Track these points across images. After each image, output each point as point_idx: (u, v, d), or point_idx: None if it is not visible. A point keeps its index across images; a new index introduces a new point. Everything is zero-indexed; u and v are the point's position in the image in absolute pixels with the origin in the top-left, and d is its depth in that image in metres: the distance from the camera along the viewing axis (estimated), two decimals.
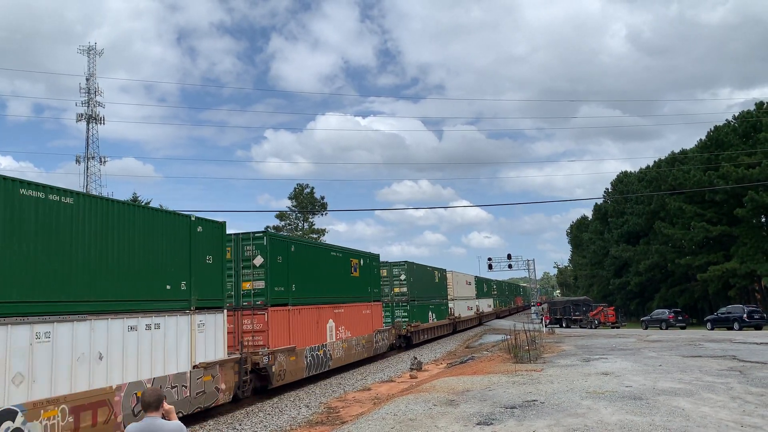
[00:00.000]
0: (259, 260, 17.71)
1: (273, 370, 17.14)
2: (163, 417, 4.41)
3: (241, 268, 17.81)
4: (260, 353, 16.54)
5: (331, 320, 22.08)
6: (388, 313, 32.61)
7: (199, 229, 14.30)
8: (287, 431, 13.22)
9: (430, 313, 37.92)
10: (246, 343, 16.72)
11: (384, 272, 32.77)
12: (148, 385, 11.51)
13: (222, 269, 15.06)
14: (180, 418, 4.53)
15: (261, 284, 17.59)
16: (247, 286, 17.68)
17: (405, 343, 33.59)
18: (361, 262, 26.18)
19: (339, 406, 15.84)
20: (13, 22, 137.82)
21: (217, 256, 14.88)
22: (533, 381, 15.21)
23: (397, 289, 33.53)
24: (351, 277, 24.83)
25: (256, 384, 16.97)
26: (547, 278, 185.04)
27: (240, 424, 14.04)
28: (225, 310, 15.14)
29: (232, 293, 17.35)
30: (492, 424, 10.25)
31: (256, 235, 18.03)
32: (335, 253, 23.73)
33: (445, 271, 44.39)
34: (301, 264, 19.86)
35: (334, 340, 22.16)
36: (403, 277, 33.84)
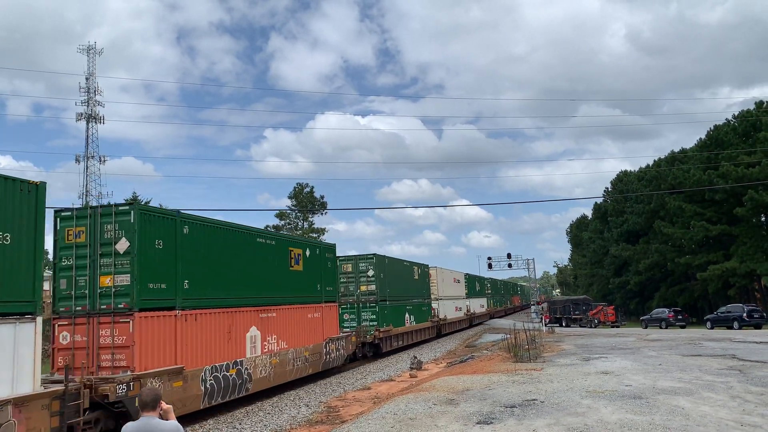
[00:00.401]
0: (123, 245, 12.68)
1: (137, 404, 11.08)
2: (161, 416, 4.39)
3: (98, 256, 12.76)
4: (116, 380, 11.48)
5: (254, 328, 16.93)
6: (353, 316, 28.38)
7: None
8: (287, 430, 13.21)
9: (407, 315, 33.47)
10: (99, 365, 12.17)
11: (348, 267, 28.68)
12: None
13: (31, 252, 10.03)
14: None
15: (125, 279, 12.57)
16: (106, 281, 12.65)
17: (373, 351, 28.67)
18: (307, 252, 21.09)
19: (339, 405, 15.84)
20: (13, 21, 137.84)
21: (21, 232, 9.89)
22: (533, 380, 15.21)
23: (364, 287, 28.66)
24: (290, 271, 19.73)
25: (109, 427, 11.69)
26: (547, 277, 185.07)
27: (240, 423, 14.05)
28: (38, 318, 9.99)
29: (86, 291, 12.65)
30: (492, 423, 10.25)
31: (121, 208, 12.92)
32: (264, 240, 18.43)
33: (427, 267, 40.31)
34: (201, 252, 14.83)
35: (259, 354, 17.04)
36: (371, 273, 28.76)
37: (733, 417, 9.99)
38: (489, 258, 63.18)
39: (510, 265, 62.35)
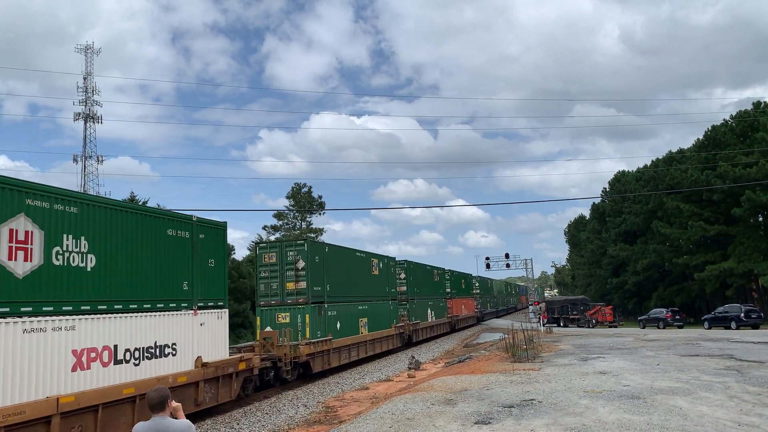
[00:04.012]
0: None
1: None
2: (171, 415, 4.37)
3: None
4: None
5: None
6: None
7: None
8: (285, 430, 13.20)
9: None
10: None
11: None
12: None
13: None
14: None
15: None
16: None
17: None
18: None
19: (337, 405, 15.83)
20: (6, 21, 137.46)
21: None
22: (531, 380, 15.22)
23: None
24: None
25: None
26: (544, 277, 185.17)
27: (238, 424, 14.03)
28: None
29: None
30: (490, 423, 10.25)
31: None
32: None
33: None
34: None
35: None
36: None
37: (730, 417, 10.00)
38: (487, 258, 63.39)
39: (508, 265, 62.57)
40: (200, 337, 14.21)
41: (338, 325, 23.37)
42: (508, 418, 10.55)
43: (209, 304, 14.89)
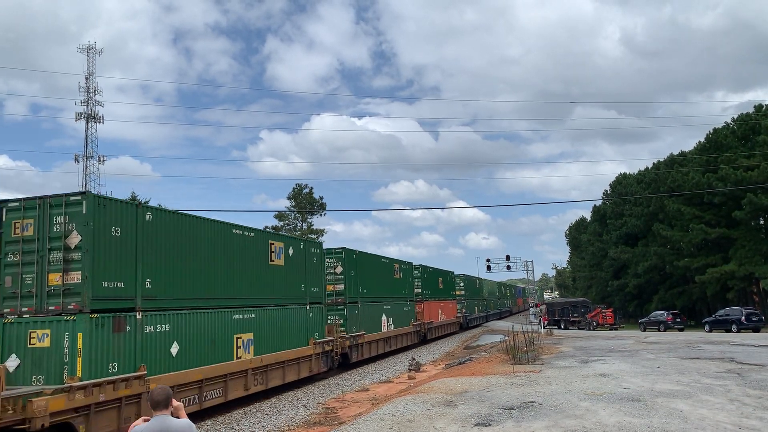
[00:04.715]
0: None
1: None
2: (172, 414, 4.38)
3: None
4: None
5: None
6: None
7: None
8: (285, 431, 13.20)
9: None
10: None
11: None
12: None
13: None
14: None
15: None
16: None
17: None
18: None
19: (337, 406, 15.82)
20: (7, 21, 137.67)
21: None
22: (531, 382, 15.21)
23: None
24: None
25: None
26: (545, 280, 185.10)
27: (237, 424, 14.03)
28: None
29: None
30: (490, 425, 10.24)
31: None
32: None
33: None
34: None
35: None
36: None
37: (731, 420, 9.98)
38: (488, 260, 63.30)
39: (509, 267, 62.44)
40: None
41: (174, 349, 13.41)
42: (508, 420, 10.55)
43: None
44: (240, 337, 16.12)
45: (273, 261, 18.46)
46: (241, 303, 16.43)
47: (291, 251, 19.70)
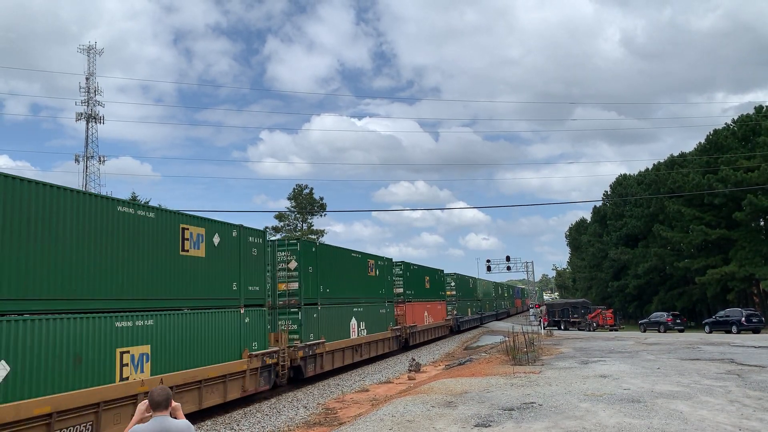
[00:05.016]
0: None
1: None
2: (170, 415, 4.38)
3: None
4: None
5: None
6: None
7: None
8: None
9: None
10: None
11: None
12: None
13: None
14: None
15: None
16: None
17: None
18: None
19: (337, 407, 15.82)
20: (8, 21, 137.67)
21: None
22: (531, 383, 15.20)
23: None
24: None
25: None
26: (545, 280, 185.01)
27: (237, 425, 14.02)
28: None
29: None
30: (490, 426, 10.24)
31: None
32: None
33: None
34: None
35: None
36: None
37: (731, 421, 9.98)
38: (488, 261, 63.18)
39: (509, 268, 62.31)
40: None
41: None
42: (508, 421, 10.54)
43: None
44: (128, 352, 12.04)
45: (187, 250, 14.44)
46: (130, 306, 12.36)
47: (217, 239, 15.72)
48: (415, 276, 36.85)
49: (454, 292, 48.48)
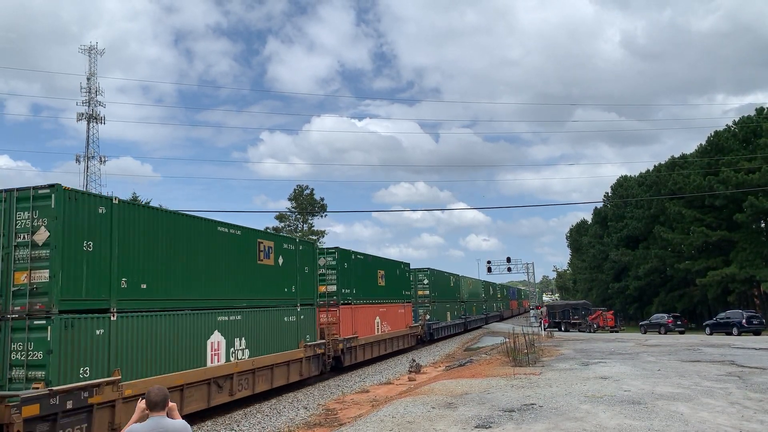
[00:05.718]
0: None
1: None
2: (168, 415, 4.38)
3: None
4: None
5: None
6: None
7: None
8: None
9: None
10: None
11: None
12: None
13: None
14: None
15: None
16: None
17: None
18: None
19: (337, 407, 15.81)
20: (8, 21, 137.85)
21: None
22: (532, 384, 15.19)
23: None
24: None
25: None
26: (546, 282, 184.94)
27: (238, 425, 14.02)
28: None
29: None
30: (490, 427, 10.23)
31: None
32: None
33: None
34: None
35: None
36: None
37: (731, 423, 9.97)
38: (488, 262, 63.05)
39: (509, 269, 62.20)
40: None
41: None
42: (508, 422, 10.53)
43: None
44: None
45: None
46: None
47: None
48: (363, 269, 27.13)
49: (427, 292, 40.73)
